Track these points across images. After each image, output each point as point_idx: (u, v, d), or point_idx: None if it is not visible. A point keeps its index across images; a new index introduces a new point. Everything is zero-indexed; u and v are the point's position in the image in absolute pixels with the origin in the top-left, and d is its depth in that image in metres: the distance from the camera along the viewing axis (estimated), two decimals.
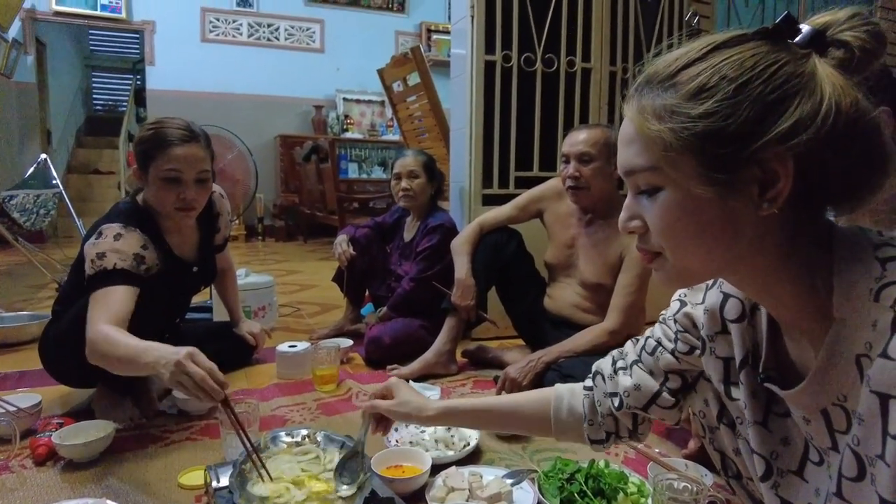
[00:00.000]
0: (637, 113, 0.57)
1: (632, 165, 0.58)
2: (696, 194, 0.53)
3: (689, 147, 0.52)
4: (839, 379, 0.53)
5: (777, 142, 0.49)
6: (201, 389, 1.08)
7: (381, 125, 6.71)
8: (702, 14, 2.93)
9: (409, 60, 3.41)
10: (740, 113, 0.50)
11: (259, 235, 6.19)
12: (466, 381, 1.88)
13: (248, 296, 2.35)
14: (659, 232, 0.57)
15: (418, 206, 2.25)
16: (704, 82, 0.52)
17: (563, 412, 0.91)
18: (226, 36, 6.30)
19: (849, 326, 0.51)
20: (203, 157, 1.48)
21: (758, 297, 0.62)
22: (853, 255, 0.53)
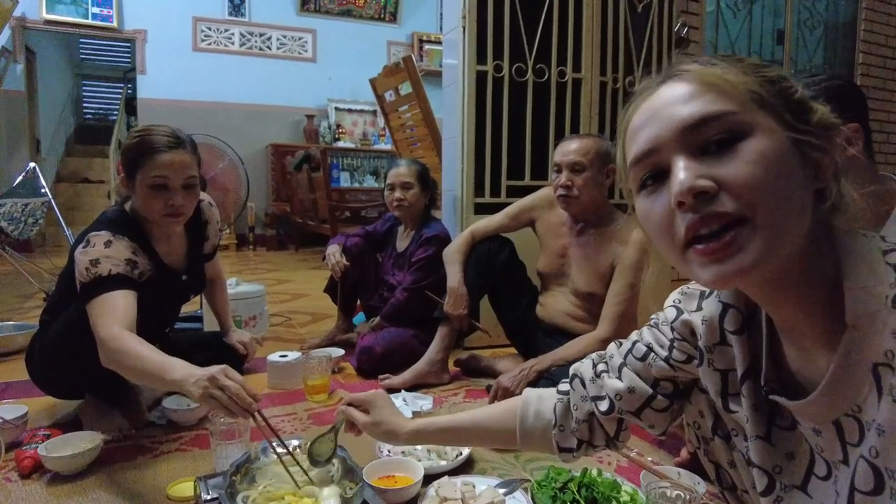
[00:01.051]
0: (707, 70, 0.54)
1: (708, 112, 0.52)
2: (784, 140, 0.52)
3: (776, 96, 0.53)
4: (854, 389, 0.51)
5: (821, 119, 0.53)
6: (235, 403, 1.08)
7: (373, 134, 6.72)
8: (691, 25, 2.97)
9: (401, 70, 3.42)
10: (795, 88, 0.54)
11: (250, 244, 6.17)
12: (459, 391, 1.87)
13: (239, 305, 2.34)
14: (751, 182, 0.49)
15: (413, 216, 2.25)
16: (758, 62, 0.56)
17: (529, 418, 0.87)
18: (218, 45, 6.30)
19: (863, 334, 0.49)
20: (190, 162, 1.47)
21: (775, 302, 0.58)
22: (862, 260, 0.52)
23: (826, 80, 1.10)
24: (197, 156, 1.51)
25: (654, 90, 0.57)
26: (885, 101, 3.96)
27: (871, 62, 3.86)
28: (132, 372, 1.23)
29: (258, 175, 6.20)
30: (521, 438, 0.88)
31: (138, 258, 1.44)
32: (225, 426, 1.30)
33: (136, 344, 1.23)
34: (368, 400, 1.01)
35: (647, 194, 0.57)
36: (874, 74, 3.88)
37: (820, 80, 1.09)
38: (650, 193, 0.56)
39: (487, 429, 0.93)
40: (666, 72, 0.58)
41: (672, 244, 0.54)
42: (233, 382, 1.10)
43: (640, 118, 0.57)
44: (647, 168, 0.56)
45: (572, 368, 0.88)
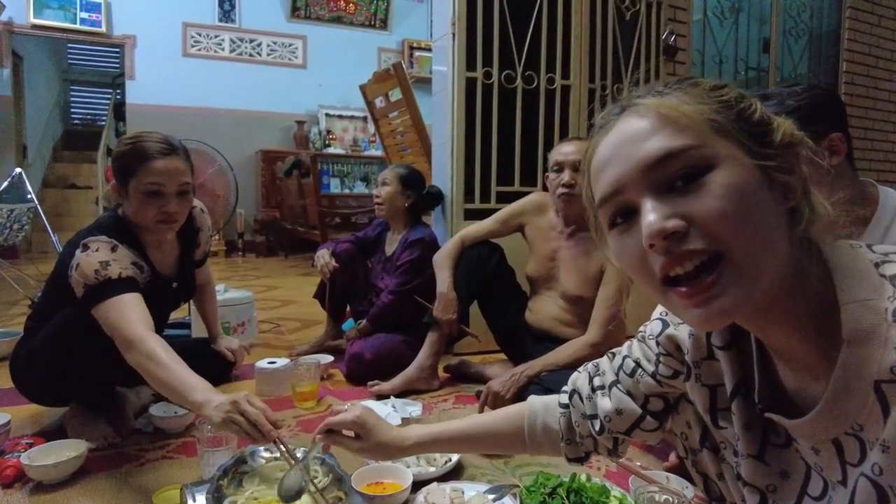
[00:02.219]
0: (661, 102, 0.53)
1: (670, 148, 0.51)
2: (750, 169, 0.50)
3: (734, 122, 0.52)
4: (854, 406, 0.49)
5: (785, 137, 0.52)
6: (256, 430, 1.06)
7: (364, 140, 6.72)
8: (678, 33, 3.00)
9: (391, 76, 3.43)
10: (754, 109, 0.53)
11: (239, 251, 6.14)
12: (448, 397, 1.87)
13: (227, 312, 2.32)
14: (720, 216, 0.48)
15: (395, 217, 2.25)
16: (715, 83, 0.54)
17: (538, 430, 0.88)
18: (207, 51, 6.29)
19: (863, 350, 0.48)
20: (184, 169, 1.47)
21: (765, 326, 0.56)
22: (854, 273, 0.51)
23: (807, 90, 1.11)
24: (190, 162, 1.51)
25: (613, 124, 0.56)
26: (869, 109, 4.01)
27: (854, 70, 3.91)
28: (154, 380, 1.21)
29: (247, 181, 6.18)
30: (531, 447, 0.89)
31: (141, 262, 1.44)
32: (212, 433, 1.28)
33: (163, 351, 1.21)
34: (356, 423, 0.93)
35: (618, 233, 0.56)
36: (858, 83, 3.93)
37: (801, 90, 1.11)
38: (621, 232, 0.55)
39: (494, 437, 0.93)
40: (623, 102, 0.57)
41: (651, 282, 0.53)
42: (254, 409, 1.07)
43: (602, 155, 0.56)
44: (616, 207, 0.55)
45: (570, 382, 0.88)
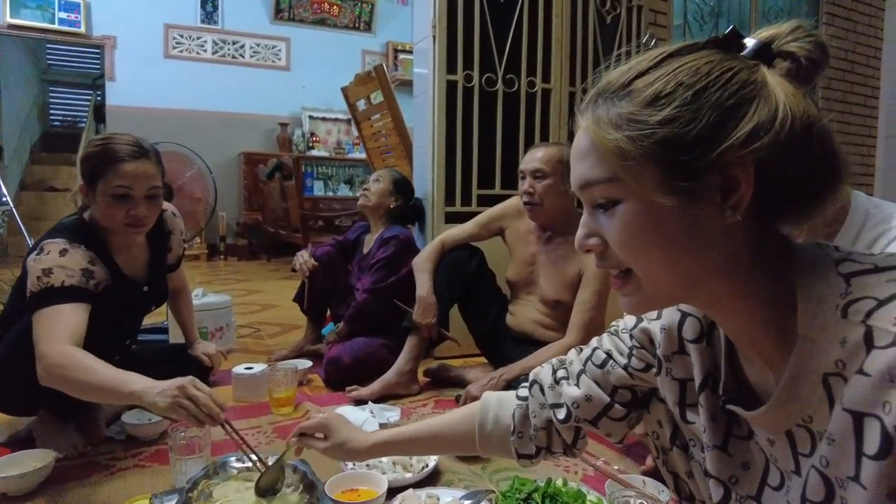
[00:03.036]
0: (592, 124, 0.55)
1: (587, 178, 0.55)
2: (657, 204, 0.51)
3: (648, 155, 0.51)
4: (805, 399, 0.51)
5: (738, 147, 0.49)
6: (203, 413, 1.09)
7: (348, 143, 6.69)
8: (659, 37, 3.02)
9: (373, 79, 3.41)
10: (700, 118, 0.49)
11: (221, 254, 6.07)
12: (428, 401, 1.86)
13: (205, 316, 2.29)
14: (621, 246, 0.55)
15: (376, 215, 2.25)
16: (661, 89, 0.51)
17: (489, 424, 0.87)
18: (190, 52, 6.22)
19: (815, 344, 0.50)
20: (154, 173, 1.45)
21: (721, 317, 0.59)
22: (815, 271, 0.52)
23: None
24: (161, 166, 1.49)
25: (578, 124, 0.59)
26: (845, 114, 4.08)
27: (831, 75, 3.97)
28: (79, 386, 1.18)
29: (229, 184, 6.12)
30: (480, 444, 0.88)
31: (95, 268, 1.40)
32: (185, 441, 1.26)
33: (85, 357, 1.19)
34: (323, 425, 0.99)
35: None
36: (834, 87, 4.00)
37: None
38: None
39: (447, 436, 0.92)
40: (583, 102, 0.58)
41: None
42: (201, 393, 1.10)
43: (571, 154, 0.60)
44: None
45: (532, 373, 0.87)
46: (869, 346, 0.45)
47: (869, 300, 0.47)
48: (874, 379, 0.44)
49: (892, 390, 0.42)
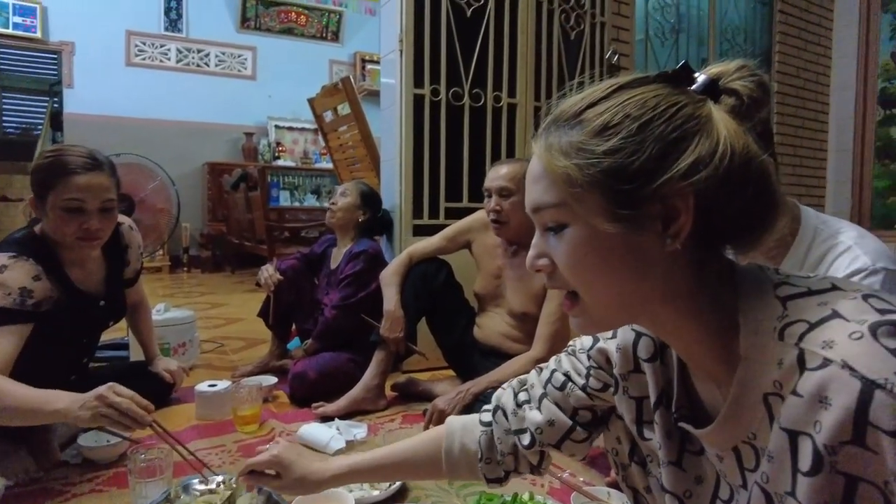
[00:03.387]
0: (545, 150, 0.57)
1: (539, 202, 0.58)
2: (602, 230, 0.54)
3: (594, 183, 0.53)
4: (748, 417, 0.54)
5: (678, 178, 0.51)
6: (128, 417, 1.09)
7: (315, 153, 6.64)
8: (621, 52, 3.09)
9: (340, 91, 3.40)
10: (644, 150, 0.52)
11: (184, 266, 5.94)
12: (395, 416, 1.85)
13: (167, 332, 2.24)
14: (567, 269, 0.57)
15: (344, 230, 2.23)
16: (609, 120, 0.53)
17: (455, 451, 0.87)
18: (153, 60, 6.10)
19: (755, 365, 0.52)
20: (108, 185, 1.42)
21: (668, 338, 0.62)
22: (755, 294, 0.54)
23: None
24: (116, 178, 1.46)
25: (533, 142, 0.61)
26: (798, 128, 4.23)
27: (785, 91, 4.12)
28: (4, 413, 1.15)
29: (193, 194, 6.00)
30: (448, 470, 0.88)
31: (40, 283, 1.36)
32: (145, 463, 1.23)
33: (4, 382, 1.16)
34: (276, 461, 0.92)
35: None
36: (788, 103, 4.15)
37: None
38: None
39: (412, 462, 0.91)
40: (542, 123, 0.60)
41: None
42: (122, 398, 1.11)
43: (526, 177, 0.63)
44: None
45: (494, 398, 0.88)
46: (801, 367, 0.47)
47: (802, 323, 0.49)
48: (806, 400, 0.46)
49: (822, 410, 0.45)
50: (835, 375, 0.44)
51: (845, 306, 0.48)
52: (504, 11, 2.57)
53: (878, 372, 0.42)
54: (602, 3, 2.93)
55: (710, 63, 0.59)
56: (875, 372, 0.42)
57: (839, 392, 0.44)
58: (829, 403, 0.44)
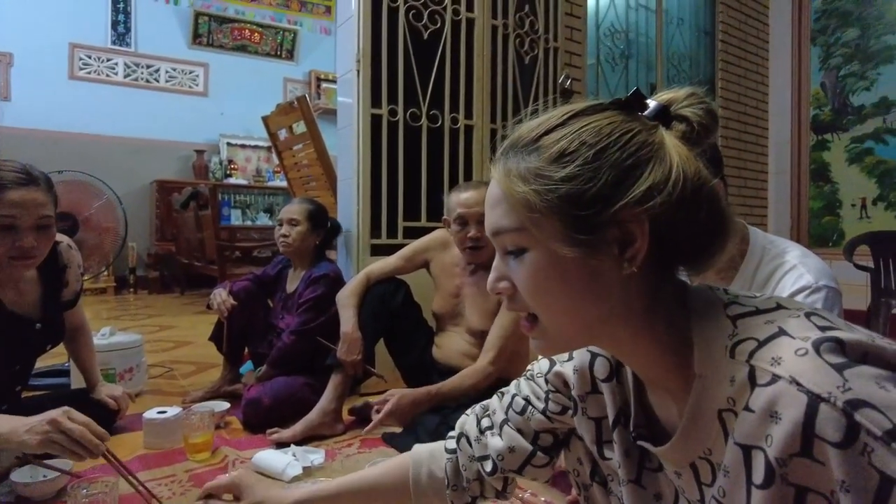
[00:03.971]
0: (503, 175, 0.58)
1: (498, 226, 0.59)
2: (560, 254, 0.54)
3: (552, 209, 0.54)
4: (704, 433, 0.55)
5: (634, 204, 0.52)
6: (80, 445, 1.03)
7: (268, 171, 6.54)
8: (574, 77, 3.18)
9: (295, 109, 3.37)
10: (600, 177, 0.53)
11: (131, 287, 5.72)
12: (353, 441, 1.81)
13: (113, 357, 2.14)
14: (527, 292, 0.58)
15: (301, 256, 2.18)
16: (566, 147, 0.54)
17: (423, 479, 0.87)
18: (98, 74, 5.91)
19: (709, 382, 0.54)
20: (43, 201, 1.35)
21: (625, 358, 0.63)
22: (707, 314, 0.56)
23: None
24: (53, 194, 1.40)
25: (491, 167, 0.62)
26: (741, 151, 4.43)
27: (728, 116, 4.32)
28: None
29: (141, 213, 5.81)
30: (416, 498, 0.87)
31: None
32: (88, 498, 1.16)
33: None
34: (234, 485, 0.93)
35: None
36: (731, 127, 4.34)
37: None
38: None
39: (378, 489, 0.90)
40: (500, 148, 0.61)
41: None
42: (76, 425, 1.04)
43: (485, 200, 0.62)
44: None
45: (458, 425, 0.88)
46: (752, 384, 0.49)
47: (751, 341, 0.51)
48: (758, 415, 0.48)
49: (773, 424, 0.46)
50: (783, 391, 0.46)
51: (790, 324, 0.51)
52: (460, 35, 2.61)
53: (822, 386, 0.44)
54: (555, 28, 3.02)
55: (659, 88, 0.62)
56: (819, 386, 0.44)
57: (788, 406, 0.45)
58: (780, 417, 0.46)
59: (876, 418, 0.41)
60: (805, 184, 4.51)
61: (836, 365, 0.45)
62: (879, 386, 0.43)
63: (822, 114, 4.43)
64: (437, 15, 2.55)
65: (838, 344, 0.46)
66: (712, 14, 4.34)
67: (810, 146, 4.48)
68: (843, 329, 0.49)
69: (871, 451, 0.41)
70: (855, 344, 0.46)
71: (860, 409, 0.42)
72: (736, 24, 4.42)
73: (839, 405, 0.43)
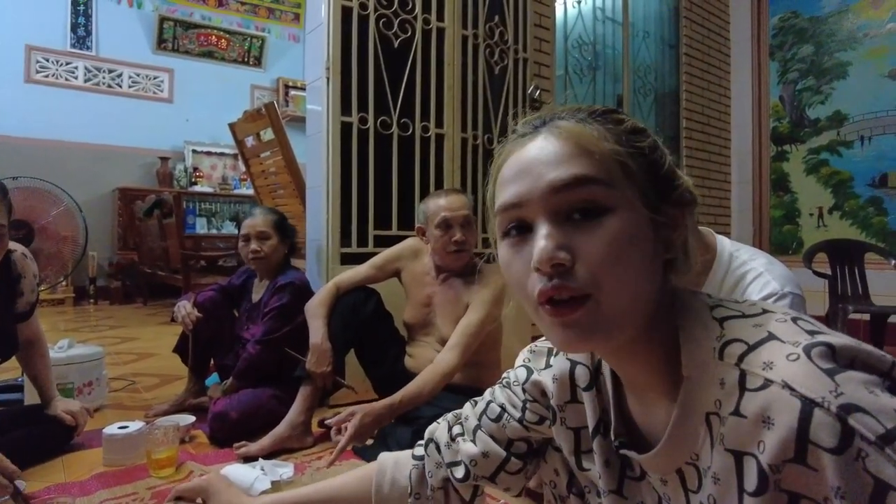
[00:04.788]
0: (582, 129, 0.55)
1: (578, 175, 0.53)
2: (643, 220, 0.54)
3: (641, 172, 0.55)
4: (691, 437, 0.54)
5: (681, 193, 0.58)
6: None
7: (234, 179, 6.44)
8: (543, 88, 3.22)
9: (263, 116, 3.33)
10: (664, 160, 0.57)
11: (90, 298, 5.54)
12: (323, 454, 1.78)
13: (71, 371, 2.06)
14: (604, 259, 0.52)
15: (270, 267, 2.14)
16: (636, 126, 0.57)
17: (385, 487, 0.85)
18: (57, 78, 5.74)
19: (697, 385, 0.53)
20: None
21: (623, 360, 0.61)
22: (693, 316, 0.56)
23: None
24: (7, 202, 1.34)
25: (531, 138, 0.57)
26: (704, 161, 4.54)
27: (692, 127, 4.43)
28: None
29: (102, 222, 5.65)
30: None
31: None
32: None
33: None
34: (203, 488, 0.92)
35: (509, 245, 0.57)
36: (695, 137, 4.45)
37: None
38: (513, 245, 0.57)
39: (342, 498, 0.88)
40: (545, 117, 0.59)
41: (528, 298, 0.56)
42: None
43: (513, 166, 0.57)
44: (513, 219, 0.57)
45: (428, 432, 0.87)
46: (742, 388, 0.49)
47: (740, 343, 0.51)
48: (750, 420, 0.47)
49: (766, 430, 0.46)
50: (776, 396, 0.46)
51: (779, 328, 0.51)
52: (431, 44, 2.61)
53: (816, 391, 0.44)
54: (524, 39, 3.05)
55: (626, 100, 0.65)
56: (813, 391, 0.44)
57: (781, 412, 0.45)
58: (773, 423, 0.45)
59: (869, 423, 0.41)
60: (766, 193, 4.64)
61: (828, 370, 0.45)
62: (869, 391, 0.43)
63: (781, 126, 4.57)
64: (407, 24, 2.55)
65: (829, 349, 0.46)
66: (676, 28, 4.45)
67: (771, 157, 4.62)
68: (830, 334, 0.49)
69: (866, 456, 0.41)
70: (845, 349, 0.47)
71: (853, 414, 0.42)
72: (699, 39, 4.55)
73: (833, 410, 0.42)
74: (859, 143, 4.13)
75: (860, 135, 4.13)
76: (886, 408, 0.42)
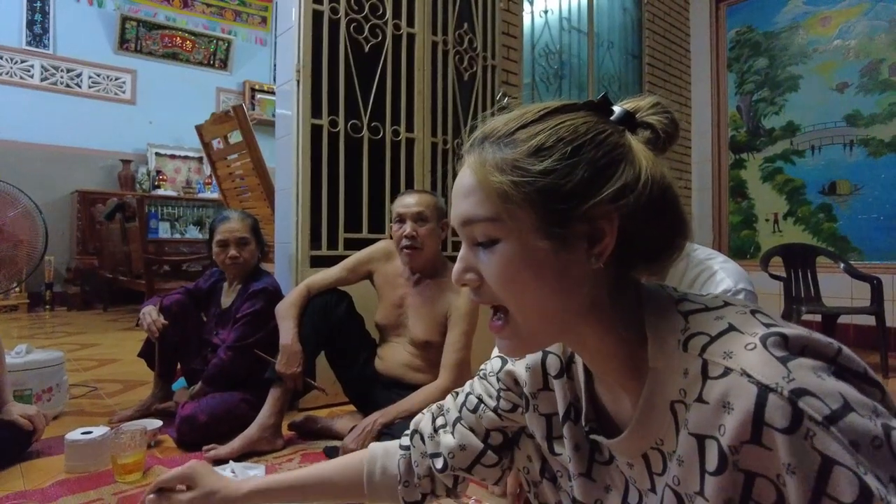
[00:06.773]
0: (479, 164, 0.58)
1: (471, 215, 0.59)
2: (533, 246, 0.56)
3: (528, 200, 0.55)
4: (657, 424, 0.58)
5: (606, 202, 0.55)
6: None
7: (199, 182, 6.32)
8: (510, 95, 3.27)
9: (231, 118, 3.29)
10: (576, 173, 0.55)
11: (47, 304, 5.36)
12: (294, 456, 1.77)
13: (29, 377, 2.00)
14: (498, 283, 0.58)
15: (244, 272, 2.11)
16: (543, 142, 0.56)
17: (377, 475, 0.88)
18: (11, 77, 5.55)
19: (662, 375, 0.56)
20: None
21: (587, 353, 0.64)
22: (660, 310, 0.59)
23: None
24: None
25: (463, 161, 0.62)
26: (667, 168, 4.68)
27: None
28: None
29: (60, 225, 5.47)
30: (369, 494, 0.88)
31: None
32: None
33: None
34: (186, 475, 0.90)
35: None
36: None
37: None
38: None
39: (334, 484, 0.90)
40: (475, 139, 0.61)
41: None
42: None
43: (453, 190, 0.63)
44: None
45: (413, 422, 0.90)
46: (705, 376, 0.52)
47: (703, 336, 0.54)
48: (711, 406, 0.51)
49: (725, 415, 0.50)
50: (735, 382, 0.50)
51: (739, 320, 0.55)
52: (401, 49, 2.64)
53: (770, 377, 0.48)
54: (493, 47, 3.10)
55: None
56: (768, 378, 0.48)
57: (739, 397, 0.49)
58: (732, 408, 0.49)
59: (816, 405, 0.45)
60: (725, 200, 4.80)
61: (781, 357, 0.49)
62: (817, 375, 0.47)
63: (739, 135, 4.74)
64: (378, 29, 2.57)
65: (782, 338, 0.51)
66: (639, 39, 4.58)
67: (729, 165, 4.79)
68: (784, 325, 0.53)
69: (814, 434, 0.45)
70: (796, 338, 0.51)
71: (803, 397, 0.46)
72: (661, 50, 4.69)
73: (785, 394, 0.46)
74: (810, 152, 4.32)
75: (811, 144, 4.32)
76: (832, 391, 0.46)
